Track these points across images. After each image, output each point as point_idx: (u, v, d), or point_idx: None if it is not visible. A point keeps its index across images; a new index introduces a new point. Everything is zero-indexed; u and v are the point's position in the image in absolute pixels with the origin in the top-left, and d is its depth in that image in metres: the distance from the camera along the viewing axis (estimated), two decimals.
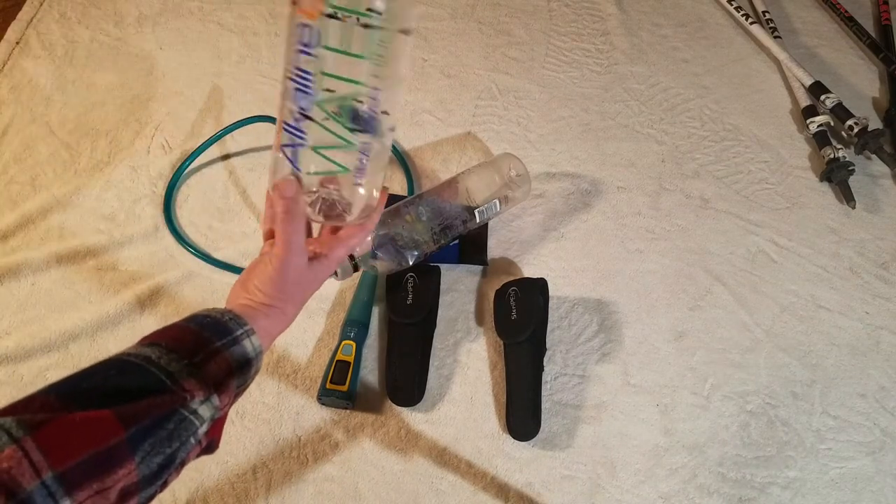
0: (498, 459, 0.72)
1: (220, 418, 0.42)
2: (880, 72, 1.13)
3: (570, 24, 1.16)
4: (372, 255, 0.77)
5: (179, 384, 0.38)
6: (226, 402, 0.42)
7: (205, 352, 0.41)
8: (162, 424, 0.36)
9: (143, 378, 0.38)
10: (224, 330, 0.43)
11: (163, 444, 0.36)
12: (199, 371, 0.40)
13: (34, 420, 0.32)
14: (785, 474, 0.73)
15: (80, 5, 1.11)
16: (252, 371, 0.45)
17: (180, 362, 0.39)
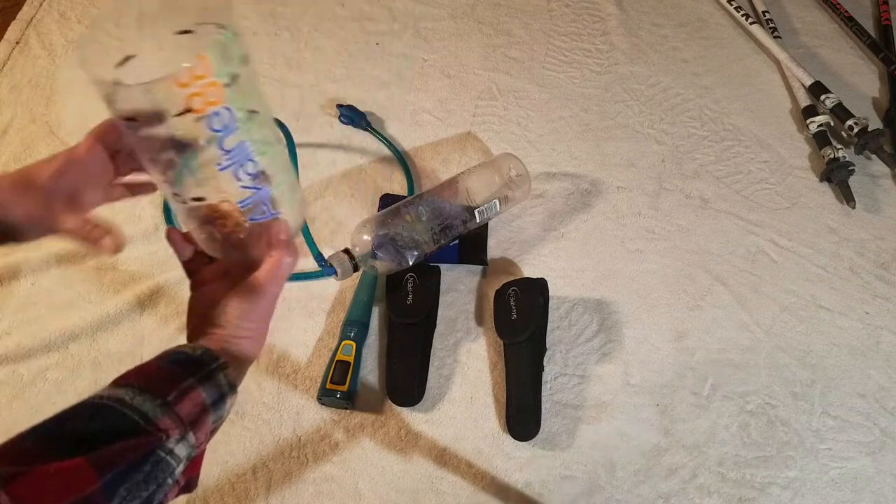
0: (498, 459, 0.72)
1: (197, 456, 0.42)
2: (880, 72, 1.13)
3: (570, 24, 1.16)
4: (372, 255, 0.77)
5: (154, 424, 0.38)
6: (202, 440, 0.41)
7: (178, 389, 0.40)
8: (138, 467, 0.36)
9: (116, 420, 0.37)
10: (196, 365, 0.43)
11: (139, 487, 0.36)
12: (172, 409, 0.39)
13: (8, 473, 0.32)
14: (785, 474, 0.73)
15: (80, 5, 1.11)
16: (227, 406, 0.44)
17: (153, 402, 0.39)
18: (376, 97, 1.03)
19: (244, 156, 0.44)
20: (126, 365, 0.76)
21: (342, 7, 1.15)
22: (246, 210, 0.46)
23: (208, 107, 0.40)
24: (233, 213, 0.46)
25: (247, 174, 0.45)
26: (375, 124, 0.99)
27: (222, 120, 0.41)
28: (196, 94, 0.39)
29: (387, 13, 1.14)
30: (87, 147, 0.47)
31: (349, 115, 0.97)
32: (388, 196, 0.90)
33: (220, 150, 0.42)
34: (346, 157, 0.95)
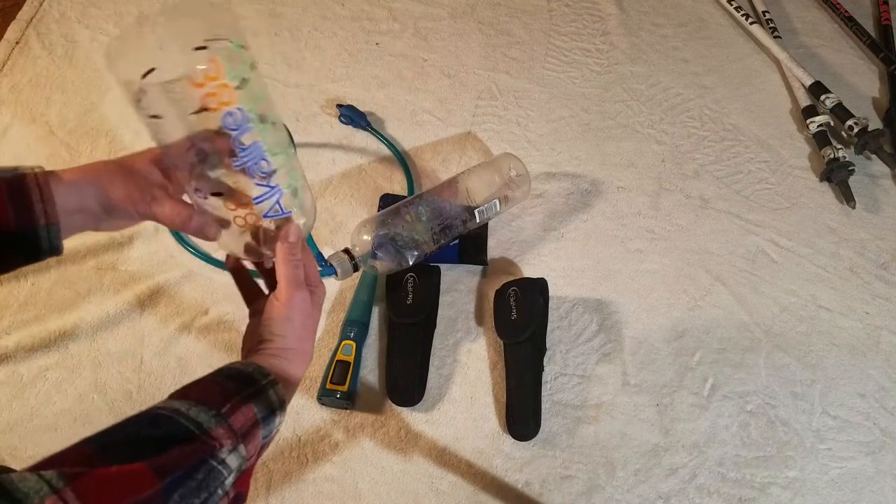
0: (498, 459, 0.72)
1: (246, 470, 0.42)
2: (880, 72, 1.13)
3: (570, 24, 1.16)
4: (372, 255, 0.77)
5: (208, 433, 0.39)
6: (252, 453, 0.42)
7: (231, 402, 0.42)
8: (192, 475, 0.37)
9: (174, 429, 0.39)
10: (248, 381, 0.44)
11: (192, 494, 0.37)
12: (225, 421, 0.41)
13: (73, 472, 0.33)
14: (785, 474, 0.73)
15: (80, 5, 1.11)
16: (276, 422, 0.45)
17: (209, 412, 0.40)
18: (376, 97, 1.03)
19: (258, 155, 0.47)
20: (126, 365, 0.77)
21: (342, 7, 1.15)
22: (260, 207, 0.49)
23: (222, 106, 0.44)
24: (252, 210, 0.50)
25: (261, 172, 0.48)
26: (375, 124, 0.99)
27: (235, 119, 0.45)
28: (210, 94, 0.43)
29: (387, 13, 1.14)
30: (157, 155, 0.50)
31: (349, 115, 0.97)
32: (388, 196, 0.90)
33: (237, 148, 0.46)
34: (346, 157, 0.95)
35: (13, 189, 0.43)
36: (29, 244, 0.45)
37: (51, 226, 0.44)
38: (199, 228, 0.51)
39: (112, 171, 0.48)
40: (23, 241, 0.44)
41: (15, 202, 0.43)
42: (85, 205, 0.46)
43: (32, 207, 0.43)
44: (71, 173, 0.46)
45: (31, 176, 0.44)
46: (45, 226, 0.44)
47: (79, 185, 0.46)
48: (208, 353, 0.77)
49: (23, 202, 0.43)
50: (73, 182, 0.46)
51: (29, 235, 0.44)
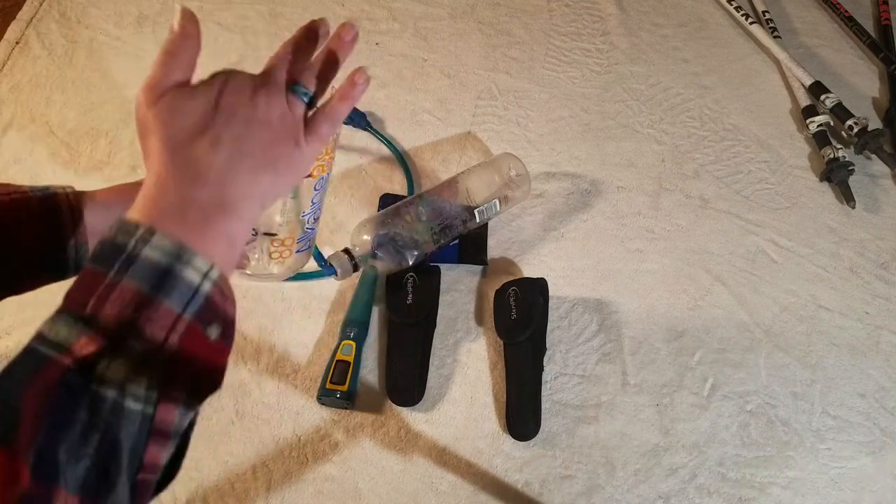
0: (498, 459, 0.72)
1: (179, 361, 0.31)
2: (880, 72, 1.13)
3: (570, 24, 1.16)
4: (372, 255, 0.77)
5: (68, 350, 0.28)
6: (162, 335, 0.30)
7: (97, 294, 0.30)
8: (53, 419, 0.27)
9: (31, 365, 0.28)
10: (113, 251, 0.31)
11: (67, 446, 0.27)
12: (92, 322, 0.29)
13: None
14: (785, 474, 0.73)
15: (80, 5, 1.11)
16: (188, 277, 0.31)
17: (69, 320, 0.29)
18: (376, 97, 1.03)
19: (319, 207, 0.55)
20: None
21: (342, 7, 1.15)
22: (298, 245, 0.57)
23: (321, 173, 0.51)
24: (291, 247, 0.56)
25: (314, 220, 0.56)
26: (375, 124, 0.99)
27: (322, 182, 0.53)
28: (319, 165, 0.50)
29: (387, 13, 1.14)
30: None
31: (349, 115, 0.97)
32: (388, 196, 0.90)
33: (311, 202, 0.53)
34: (346, 157, 0.95)
35: (44, 208, 0.43)
36: (57, 263, 0.44)
37: (79, 245, 0.44)
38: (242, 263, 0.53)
39: None
40: (51, 260, 0.44)
41: (46, 221, 0.43)
42: None
43: (63, 227, 0.43)
44: (104, 194, 0.46)
45: (62, 195, 0.44)
46: (74, 245, 0.44)
47: (111, 206, 0.46)
48: None
49: (53, 221, 0.43)
50: (106, 203, 0.46)
51: (58, 254, 0.44)
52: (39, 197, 0.43)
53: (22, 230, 0.42)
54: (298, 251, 0.58)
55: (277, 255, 0.56)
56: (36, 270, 0.44)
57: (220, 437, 0.71)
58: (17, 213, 0.42)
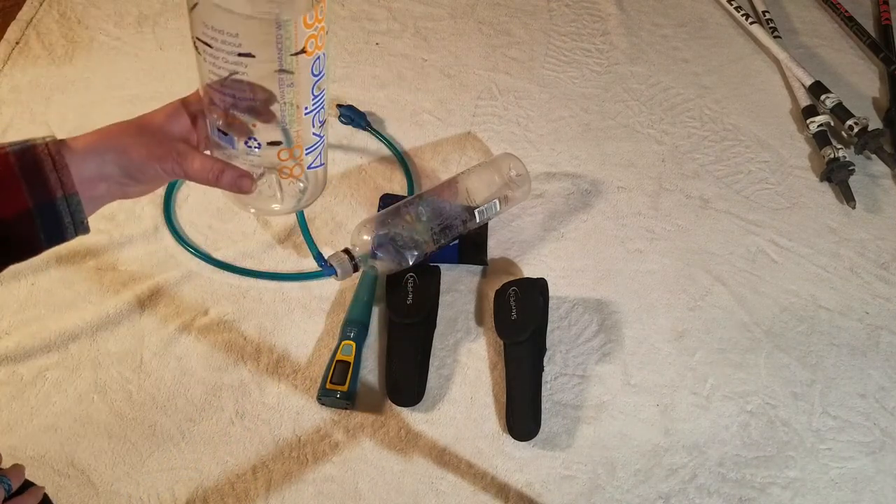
0: (498, 459, 0.72)
1: None
2: (880, 72, 1.13)
3: (570, 24, 1.16)
4: (372, 255, 0.77)
5: None
6: None
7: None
8: None
9: None
10: None
11: None
12: None
13: None
14: (785, 474, 0.73)
15: (80, 5, 1.11)
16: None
17: None
18: (376, 97, 1.03)
19: (322, 103, 0.46)
20: (126, 365, 0.77)
21: (342, 7, 1.15)
22: (308, 157, 0.48)
23: (317, 49, 0.42)
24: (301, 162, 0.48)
25: (319, 122, 0.47)
26: (375, 124, 0.99)
27: (320, 65, 0.43)
28: (313, 37, 0.41)
29: (387, 13, 1.14)
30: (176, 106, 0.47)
31: (349, 115, 0.97)
32: (388, 196, 0.90)
33: (311, 94, 0.44)
34: (346, 157, 0.95)
35: (24, 162, 0.39)
36: (50, 221, 0.41)
37: (69, 196, 0.40)
38: (232, 182, 0.46)
39: (128, 130, 0.44)
40: (43, 220, 0.40)
41: (27, 176, 0.39)
42: (105, 171, 0.42)
43: (47, 178, 0.40)
44: (84, 139, 0.43)
45: (41, 146, 0.40)
46: (64, 197, 0.40)
47: (95, 151, 0.42)
48: (208, 353, 0.77)
49: (36, 175, 0.39)
50: (88, 148, 0.42)
51: (48, 211, 0.40)
52: (17, 151, 0.40)
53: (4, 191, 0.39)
54: (311, 166, 0.50)
55: (288, 173, 0.49)
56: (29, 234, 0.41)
57: (220, 438, 0.71)
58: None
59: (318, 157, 0.50)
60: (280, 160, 0.47)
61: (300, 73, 0.43)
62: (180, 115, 0.46)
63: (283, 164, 0.47)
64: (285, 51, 0.41)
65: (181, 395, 0.74)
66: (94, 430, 0.71)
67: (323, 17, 0.42)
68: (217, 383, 0.75)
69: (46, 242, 0.41)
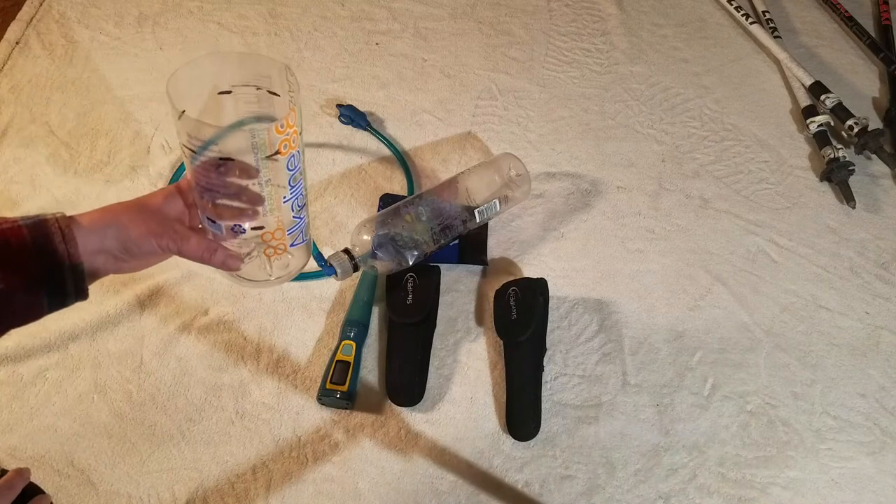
0: (498, 459, 0.72)
1: None
2: (880, 72, 1.13)
3: (570, 23, 1.16)
4: (372, 255, 0.77)
5: None
6: None
7: None
8: None
9: None
10: None
11: None
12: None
13: None
14: (785, 474, 0.73)
15: (80, 5, 1.11)
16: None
17: None
18: (376, 97, 1.03)
19: (300, 191, 0.52)
20: (126, 365, 0.77)
21: (342, 7, 1.15)
22: (290, 236, 0.54)
23: (290, 150, 0.48)
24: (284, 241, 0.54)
25: (298, 206, 0.53)
26: (375, 124, 0.99)
27: (295, 161, 0.49)
28: (285, 140, 0.47)
29: (387, 13, 1.14)
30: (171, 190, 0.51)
31: (349, 115, 0.97)
32: (388, 196, 0.90)
33: (288, 185, 0.50)
34: (346, 157, 0.95)
35: (36, 234, 0.44)
36: (55, 288, 0.45)
37: (75, 266, 0.45)
38: (223, 261, 0.52)
39: (129, 209, 0.49)
40: (49, 287, 0.44)
41: (39, 249, 0.43)
42: (105, 245, 0.47)
43: (56, 249, 0.44)
44: (89, 216, 0.47)
45: (52, 220, 0.45)
46: (70, 266, 0.45)
47: (98, 227, 0.47)
48: (208, 353, 0.77)
49: (46, 245, 0.44)
50: (92, 224, 0.47)
51: (55, 278, 0.44)
52: (30, 224, 0.44)
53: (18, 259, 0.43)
54: (293, 244, 0.56)
55: (273, 252, 0.55)
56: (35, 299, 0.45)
57: (220, 437, 0.71)
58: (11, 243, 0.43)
59: (300, 235, 0.56)
60: (264, 241, 0.53)
61: (277, 171, 0.48)
62: (175, 198, 0.51)
63: (268, 244, 0.53)
64: (261, 154, 0.46)
65: (181, 395, 0.74)
66: (94, 430, 0.71)
67: (294, 123, 0.46)
68: (217, 383, 0.75)
69: (48, 308, 0.46)
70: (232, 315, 0.79)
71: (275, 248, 0.54)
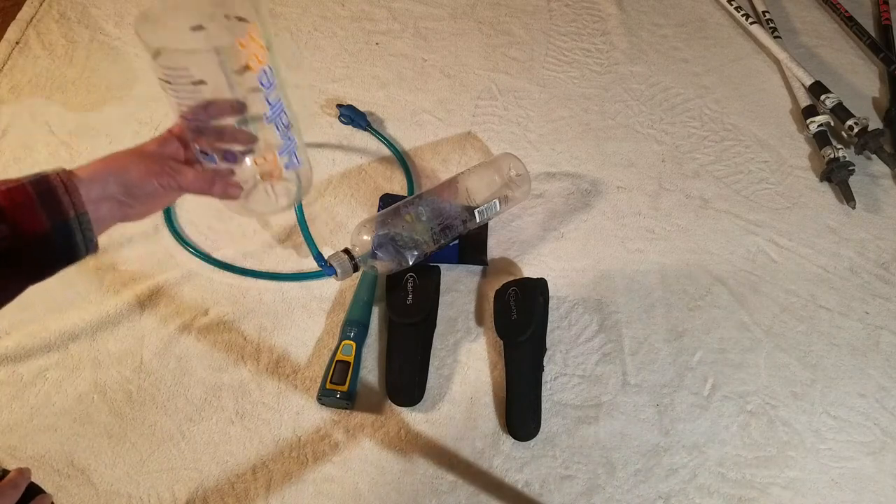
0: (498, 459, 0.72)
1: None
2: (880, 72, 1.13)
3: (570, 23, 1.16)
4: (372, 255, 0.77)
5: None
6: None
7: None
8: None
9: None
10: None
11: None
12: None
13: None
14: (785, 474, 0.73)
15: (80, 5, 1.11)
16: None
17: None
18: (376, 97, 1.03)
19: (280, 109, 0.52)
20: (126, 365, 0.77)
21: (342, 7, 1.15)
22: (282, 158, 0.54)
23: (260, 65, 0.48)
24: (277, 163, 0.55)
25: (283, 125, 0.53)
26: (375, 124, 0.99)
27: (268, 77, 0.49)
28: (252, 54, 0.48)
29: (387, 13, 1.14)
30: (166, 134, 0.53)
31: (349, 115, 0.97)
32: (388, 196, 0.90)
33: (267, 103, 0.50)
34: (346, 157, 0.95)
35: (40, 191, 0.45)
36: (65, 241, 0.46)
37: (80, 216, 0.46)
38: (223, 190, 0.53)
39: (125, 156, 0.50)
40: (59, 239, 0.46)
41: (44, 202, 0.45)
42: (108, 192, 0.48)
43: (60, 201, 0.45)
44: (88, 167, 0.48)
45: (53, 175, 0.46)
46: (76, 216, 0.46)
47: (98, 175, 0.48)
48: (208, 353, 0.77)
49: (51, 200, 0.45)
50: (93, 173, 0.48)
51: (63, 232, 0.46)
52: (33, 181, 0.45)
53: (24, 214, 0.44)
54: (288, 166, 0.56)
55: (268, 176, 0.56)
56: (48, 256, 0.46)
57: (220, 438, 0.71)
58: (16, 199, 0.44)
59: (292, 157, 0.56)
60: (257, 165, 0.54)
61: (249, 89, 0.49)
62: (171, 141, 0.52)
63: (261, 168, 0.54)
64: (230, 71, 0.48)
65: (181, 395, 0.74)
66: (94, 430, 0.71)
67: (258, 36, 0.48)
68: (217, 383, 0.75)
69: (63, 261, 0.47)
70: (232, 315, 0.79)
71: (270, 173, 0.55)
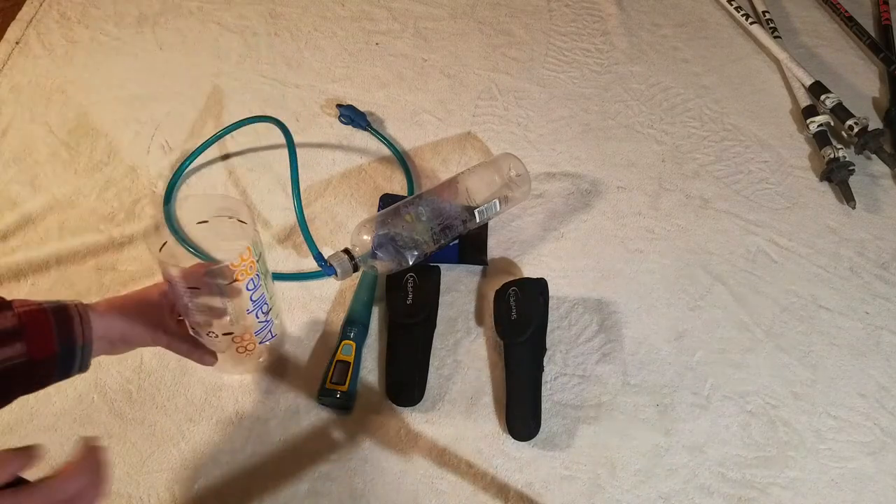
0: (498, 459, 0.72)
1: None
2: (880, 72, 1.13)
3: (570, 23, 1.16)
4: (372, 255, 0.77)
5: None
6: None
7: None
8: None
9: None
10: None
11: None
12: None
13: None
14: (785, 474, 0.73)
15: (80, 5, 1.11)
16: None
17: None
18: (376, 97, 1.03)
19: (262, 302, 0.64)
20: (126, 365, 0.77)
21: (342, 7, 1.15)
22: (259, 336, 0.68)
23: (247, 277, 0.59)
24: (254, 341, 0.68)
25: (263, 313, 0.66)
26: (375, 124, 0.99)
27: (253, 283, 0.61)
28: (242, 271, 0.58)
29: (387, 13, 1.15)
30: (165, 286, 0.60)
31: (349, 115, 0.97)
32: (388, 196, 0.90)
33: (250, 301, 0.62)
34: (346, 157, 0.95)
35: (59, 318, 0.51)
36: (65, 364, 0.52)
37: (85, 345, 0.53)
38: (200, 360, 0.66)
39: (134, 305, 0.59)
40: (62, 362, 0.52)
41: (60, 328, 0.51)
42: (109, 334, 0.56)
43: (73, 330, 0.52)
44: (103, 306, 0.57)
45: (72, 306, 0.53)
46: (82, 346, 0.53)
47: (109, 317, 0.56)
48: None
49: (66, 327, 0.52)
50: (105, 313, 0.56)
51: (68, 355, 0.52)
52: (53, 308, 0.51)
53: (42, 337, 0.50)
54: (262, 342, 0.69)
55: (244, 350, 0.68)
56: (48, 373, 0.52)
57: (220, 438, 0.71)
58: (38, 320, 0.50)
59: (268, 334, 0.69)
60: (235, 343, 0.66)
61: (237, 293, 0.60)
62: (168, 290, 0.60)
63: (237, 345, 0.67)
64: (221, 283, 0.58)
65: (181, 395, 0.74)
66: (94, 431, 0.71)
67: (249, 256, 0.57)
68: (217, 383, 0.75)
69: (56, 378, 0.53)
70: None
71: (245, 347, 0.68)
